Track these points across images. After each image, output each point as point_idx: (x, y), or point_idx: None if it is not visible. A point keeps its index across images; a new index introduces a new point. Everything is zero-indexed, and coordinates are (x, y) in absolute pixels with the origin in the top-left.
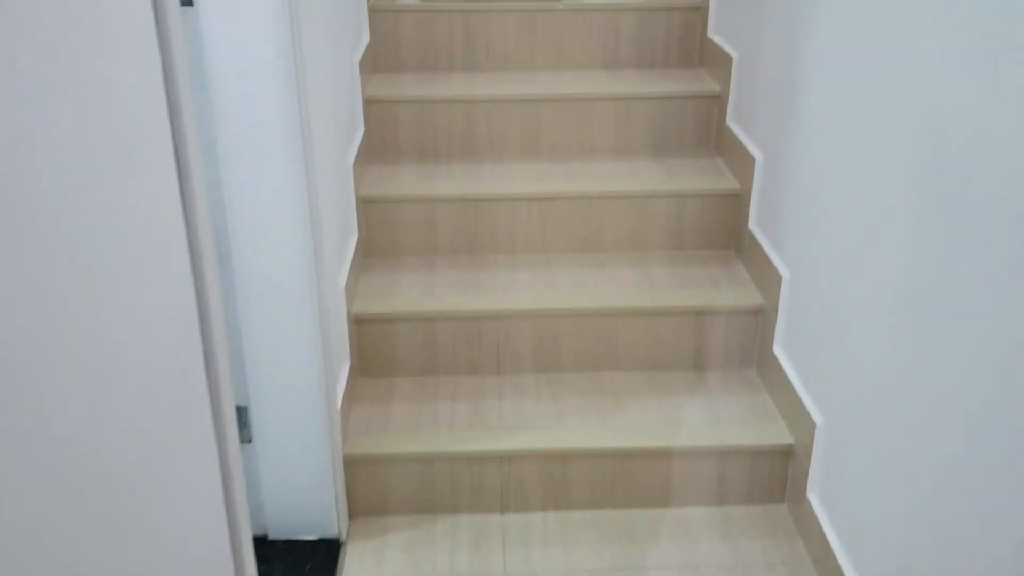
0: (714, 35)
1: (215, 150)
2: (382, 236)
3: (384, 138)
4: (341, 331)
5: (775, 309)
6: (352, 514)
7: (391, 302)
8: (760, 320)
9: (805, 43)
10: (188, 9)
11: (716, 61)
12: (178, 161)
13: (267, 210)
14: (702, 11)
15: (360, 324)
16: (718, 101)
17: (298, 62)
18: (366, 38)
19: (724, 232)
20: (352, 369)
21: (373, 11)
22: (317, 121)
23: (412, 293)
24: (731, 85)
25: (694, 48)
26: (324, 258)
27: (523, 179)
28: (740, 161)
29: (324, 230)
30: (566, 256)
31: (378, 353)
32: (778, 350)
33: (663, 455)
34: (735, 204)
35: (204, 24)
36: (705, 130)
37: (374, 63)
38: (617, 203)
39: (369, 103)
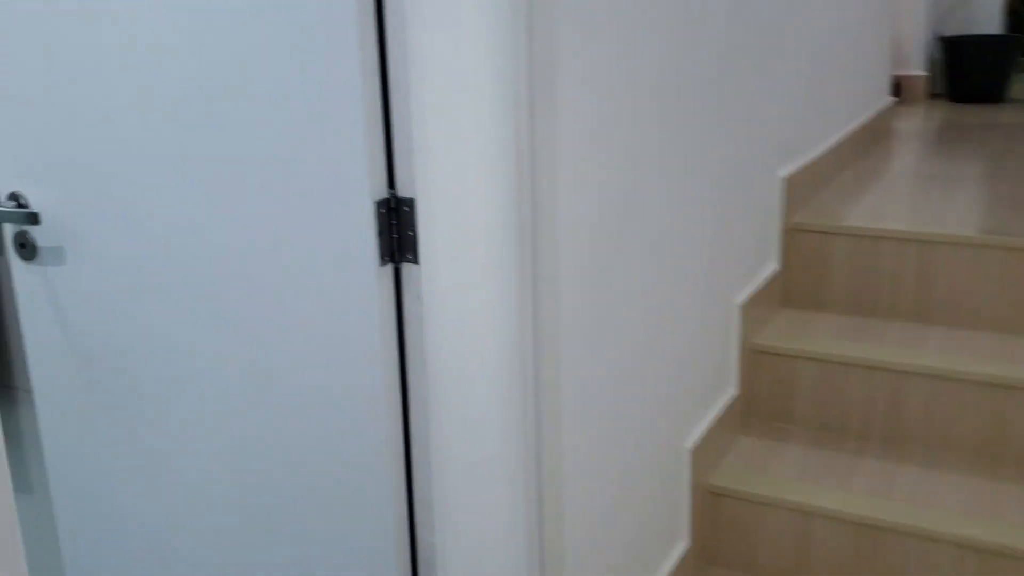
0: None
1: (428, 449)
2: (728, 545)
3: (772, 404)
4: None
5: None
6: None
7: None
8: None
9: None
10: (413, 266)
11: None
12: None
13: (482, 535)
14: None
15: None
16: None
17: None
18: (772, 267)
19: None
20: None
21: (794, 231)
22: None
23: None
24: None
25: None
26: None
27: (961, 508)
28: None
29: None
30: None
31: None
32: None
33: None
34: None
35: (425, 283)
36: None
37: (783, 297)
38: None
39: (756, 353)
